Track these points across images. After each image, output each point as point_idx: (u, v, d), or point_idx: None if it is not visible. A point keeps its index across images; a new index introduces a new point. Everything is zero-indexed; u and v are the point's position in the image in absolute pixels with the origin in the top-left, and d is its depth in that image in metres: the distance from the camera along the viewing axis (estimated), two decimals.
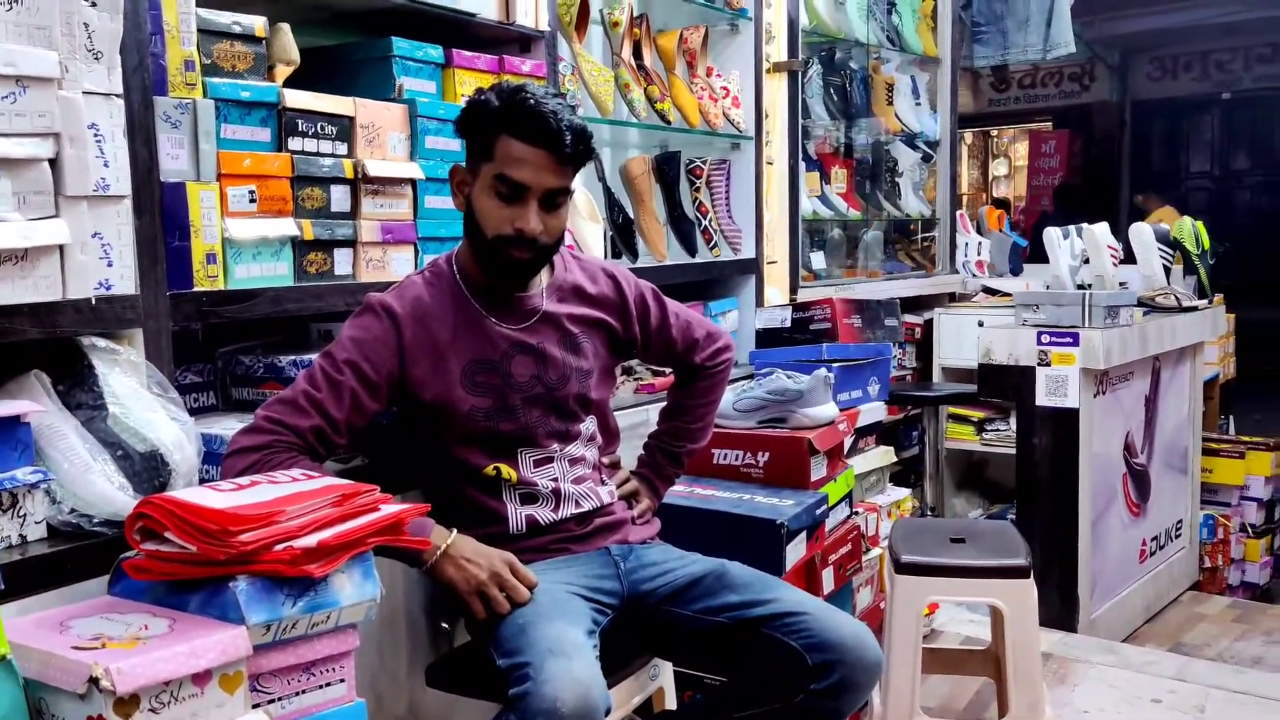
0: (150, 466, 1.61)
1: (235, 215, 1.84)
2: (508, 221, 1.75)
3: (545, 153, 1.73)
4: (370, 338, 1.76)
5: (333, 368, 1.73)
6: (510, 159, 1.74)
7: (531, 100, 1.73)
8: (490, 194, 1.76)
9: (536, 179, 1.74)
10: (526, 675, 1.55)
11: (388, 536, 1.53)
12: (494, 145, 1.75)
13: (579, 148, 1.76)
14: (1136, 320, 3.67)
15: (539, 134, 1.72)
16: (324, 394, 1.71)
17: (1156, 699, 2.99)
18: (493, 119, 1.75)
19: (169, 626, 1.34)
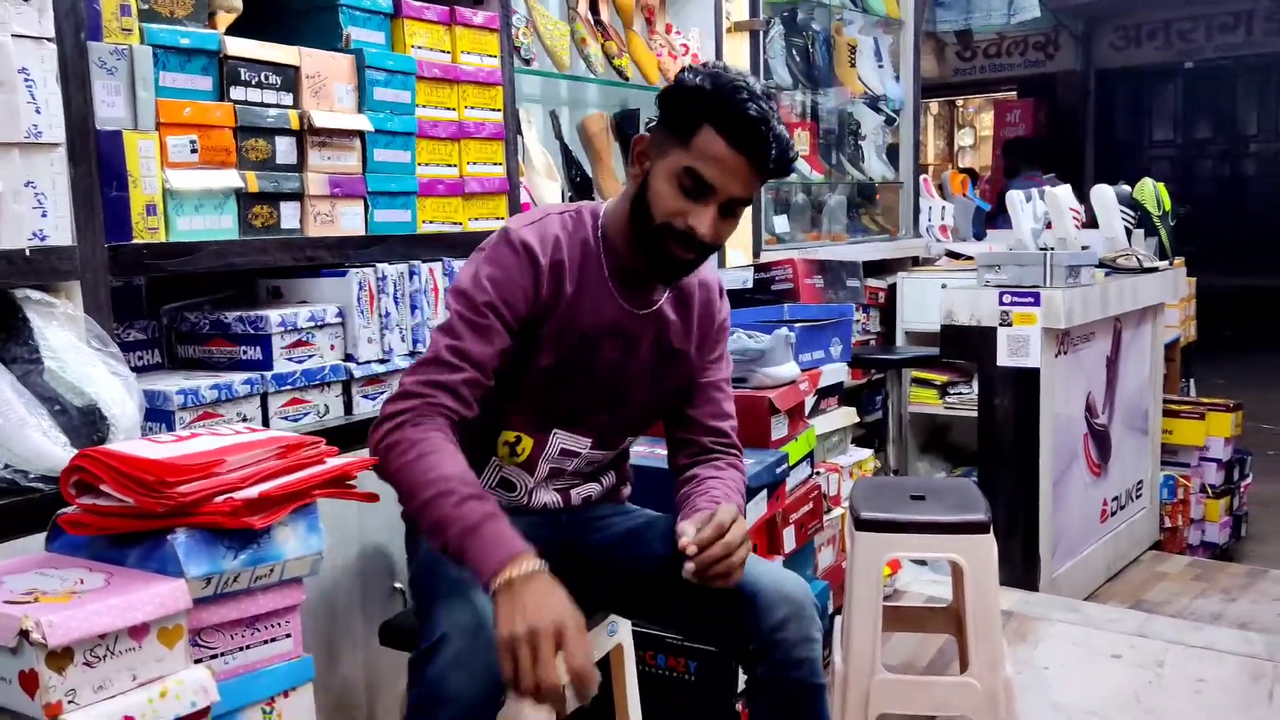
0: (88, 421, 1.56)
1: (176, 166, 1.78)
2: (682, 215, 1.61)
3: (746, 160, 1.60)
4: (508, 279, 1.64)
5: (473, 311, 1.62)
6: (707, 155, 1.59)
7: (747, 98, 1.58)
8: (673, 181, 1.61)
9: (727, 184, 1.60)
10: (428, 653, 1.49)
11: (333, 490, 1.50)
12: (694, 133, 1.60)
13: (783, 163, 1.63)
14: (1098, 280, 3.67)
15: (747, 140, 1.59)
16: (468, 342, 1.61)
17: (1117, 654, 3.01)
18: (701, 106, 1.59)
19: (105, 580, 1.30)
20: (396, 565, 2.00)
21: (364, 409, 2.07)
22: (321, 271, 2.06)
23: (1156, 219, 4.23)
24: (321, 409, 1.99)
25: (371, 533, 2.02)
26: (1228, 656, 2.97)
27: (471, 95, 2.35)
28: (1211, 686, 2.79)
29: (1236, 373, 7.44)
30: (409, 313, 2.14)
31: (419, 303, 2.16)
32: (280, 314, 1.93)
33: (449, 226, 2.32)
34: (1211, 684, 2.80)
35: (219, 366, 1.94)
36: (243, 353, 1.93)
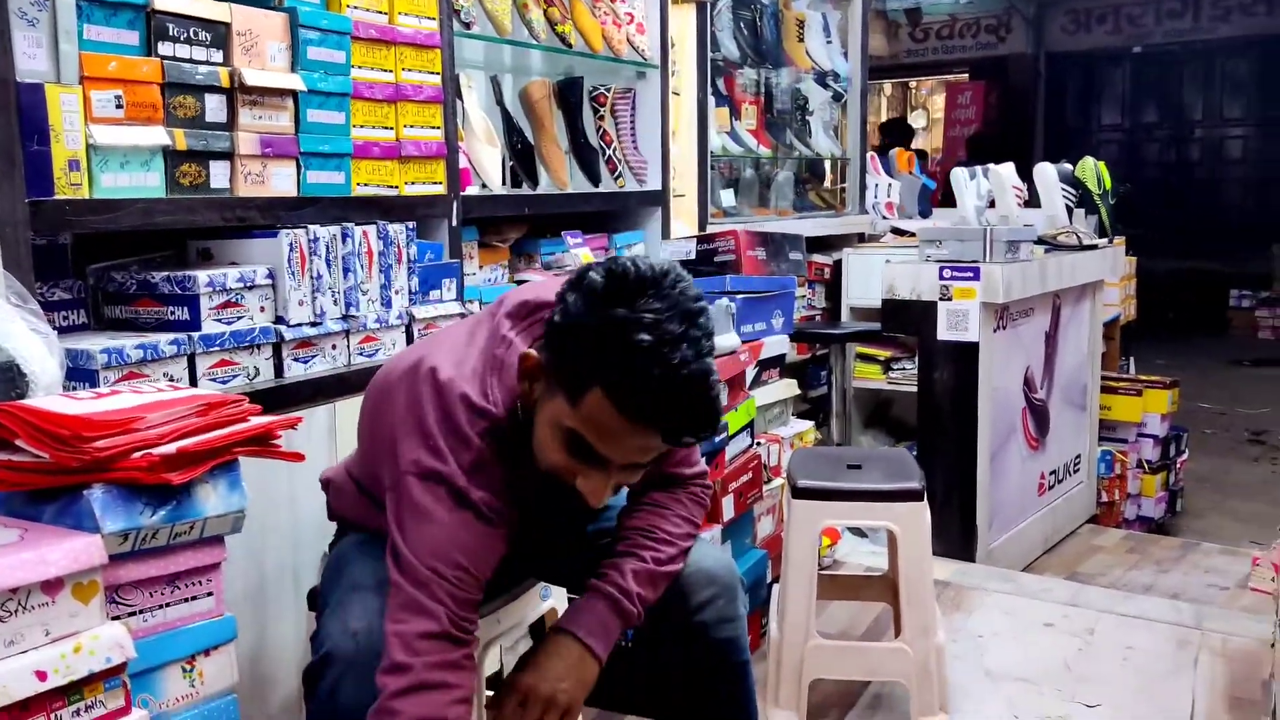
0: (6, 379, 1.53)
1: (100, 121, 1.75)
2: (570, 474, 1.39)
3: (652, 434, 1.31)
4: (484, 548, 1.43)
5: (461, 586, 1.40)
6: (599, 428, 1.31)
7: (649, 355, 1.26)
8: (558, 438, 1.36)
9: (625, 456, 1.35)
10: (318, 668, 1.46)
11: (255, 448, 1.49)
12: (581, 393, 1.31)
13: (701, 436, 1.34)
14: (1037, 256, 3.72)
15: (651, 418, 1.29)
16: (468, 609, 1.42)
17: (1049, 623, 3.06)
18: (589, 360, 1.29)
19: (19, 536, 1.28)
20: (326, 532, 1.98)
21: (295, 372, 2.05)
22: (252, 232, 2.03)
23: (1097, 197, 4.29)
24: (251, 371, 1.97)
25: (303, 498, 2.00)
26: (1157, 625, 3.03)
27: (409, 57, 2.33)
28: (1139, 654, 2.85)
29: (1177, 354, 7.58)
30: (341, 275, 2.11)
31: (351, 265, 2.14)
32: (209, 274, 1.90)
33: (384, 190, 2.30)
34: (1140, 651, 2.86)
35: (146, 327, 1.91)
36: (170, 313, 1.90)
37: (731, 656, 1.67)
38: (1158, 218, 8.86)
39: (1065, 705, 2.57)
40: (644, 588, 1.57)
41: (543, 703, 1.47)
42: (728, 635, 1.65)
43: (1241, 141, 10.99)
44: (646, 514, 1.64)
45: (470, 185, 2.64)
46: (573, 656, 1.51)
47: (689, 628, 1.66)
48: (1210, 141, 11.16)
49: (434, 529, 1.40)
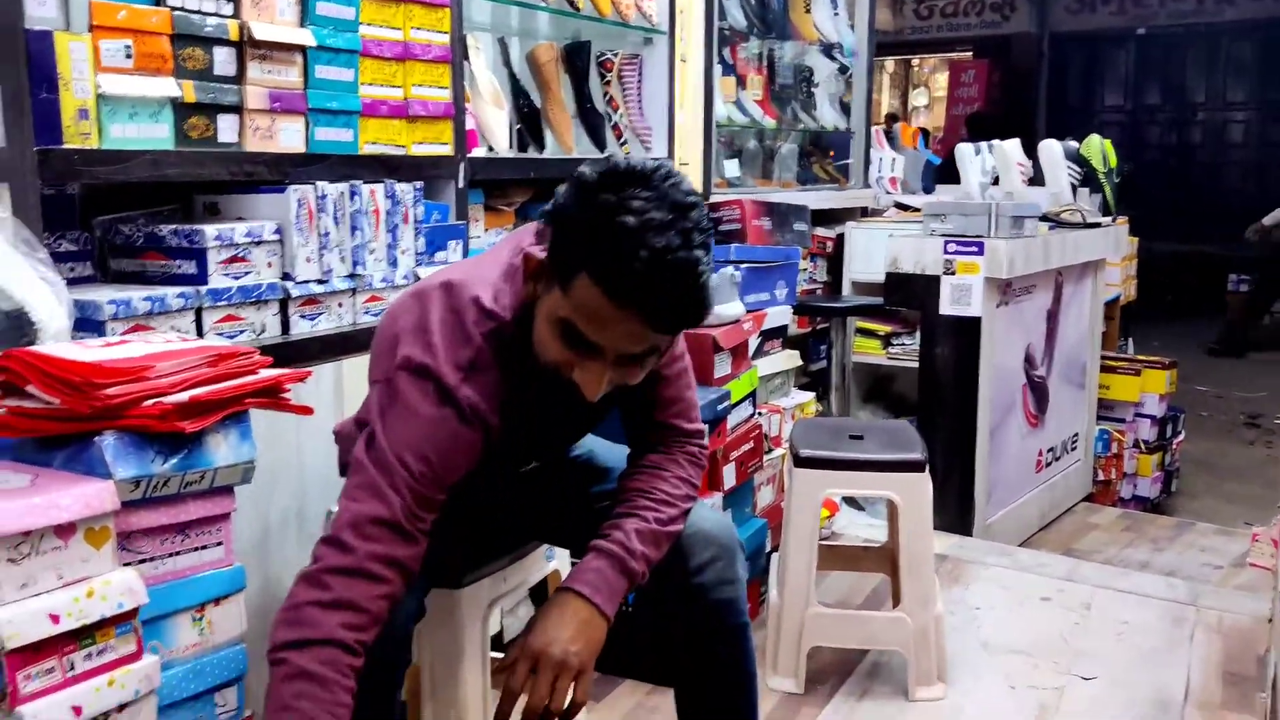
0: (14, 325, 1.53)
1: (109, 71, 1.73)
2: (569, 367, 1.38)
3: (637, 320, 1.30)
4: (454, 449, 1.41)
5: (421, 484, 1.38)
6: (588, 312, 1.31)
7: (630, 237, 1.26)
8: (554, 329, 1.36)
9: (615, 344, 1.34)
10: None
11: (266, 400, 1.49)
12: (571, 279, 1.31)
13: (688, 316, 1.33)
14: (1041, 233, 3.71)
15: (632, 297, 1.28)
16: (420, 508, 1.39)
17: (1046, 597, 3.08)
18: (577, 247, 1.31)
19: (31, 480, 1.28)
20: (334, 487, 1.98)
21: (301, 328, 2.04)
22: (260, 188, 2.02)
23: (1102, 175, 4.28)
24: (258, 327, 1.96)
25: (310, 453, 2.00)
26: (1152, 601, 3.04)
27: (418, 15, 2.31)
28: (1135, 629, 2.86)
29: (1174, 336, 7.59)
30: (349, 233, 2.11)
31: (359, 224, 2.13)
32: (217, 229, 1.89)
33: (392, 149, 2.28)
34: (1135, 626, 2.88)
35: (152, 280, 1.90)
36: (177, 266, 1.89)
37: (731, 618, 1.66)
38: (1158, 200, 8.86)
39: (1061, 677, 2.58)
40: (648, 547, 1.56)
41: (555, 667, 1.44)
42: (727, 596, 1.64)
43: (1243, 125, 10.98)
44: (646, 476, 1.63)
45: (477, 147, 2.63)
46: (581, 617, 1.49)
47: (688, 589, 1.65)
48: (1212, 125, 11.14)
49: (413, 423, 1.39)
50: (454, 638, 1.79)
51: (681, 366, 1.68)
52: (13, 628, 1.17)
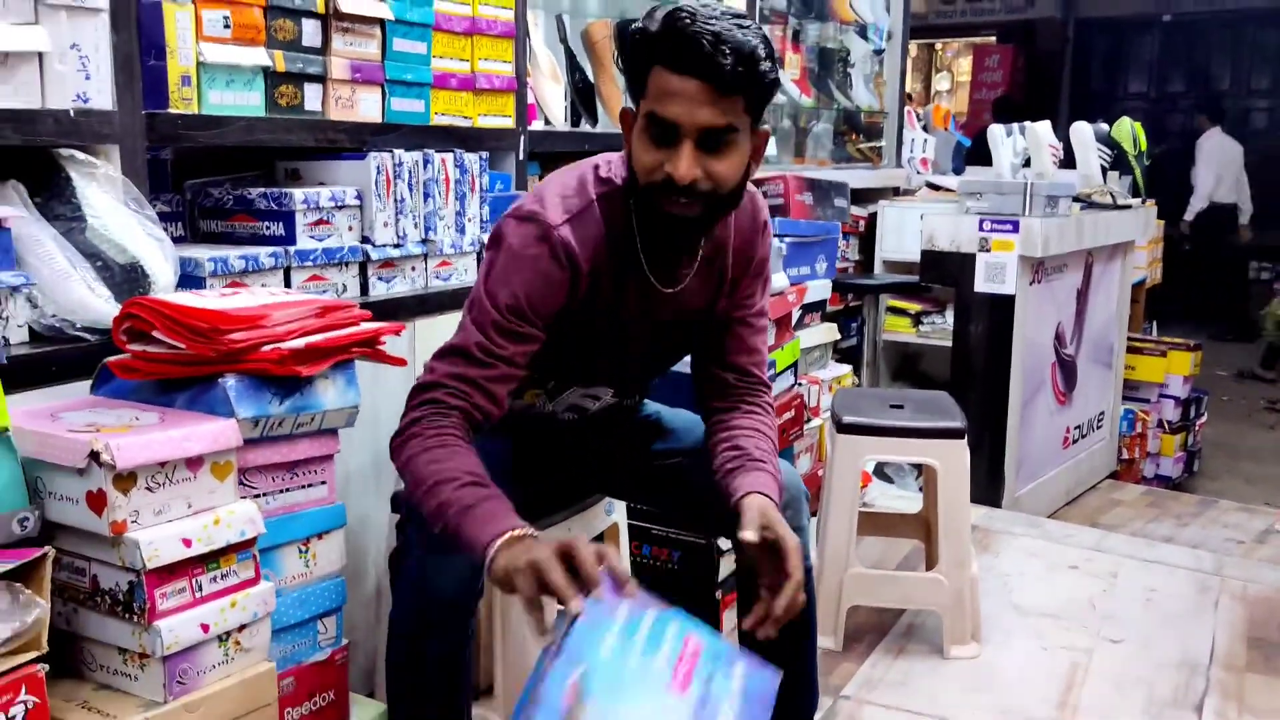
0: (130, 278, 1.63)
1: (210, 40, 1.83)
2: (659, 166, 1.48)
3: (699, 83, 1.43)
4: (547, 289, 1.55)
5: (508, 317, 1.53)
6: (661, 93, 1.46)
7: (686, 19, 1.43)
8: (644, 136, 1.50)
9: (689, 114, 1.44)
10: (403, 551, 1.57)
11: (368, 350, 1.59)
12: (647, 79, 1.48)
13: (742, 71, 1.43)
14: (1073, 214, 3.79)
15: (691, 60, 1.42)
16: (502, 344, 1.53)
17: (1074, 566, 3.17)
18: (647, 49, 1.48)
19: (160, 418, 1.38)
20: None
21: (379, 291, 2.14)
22: (341, 154, 2.12)
23: (1132, 158, 4.35)
24: (340, 287, 2.07)
25: (384, 409, 2.10)
26: (1178, 570, 3.14)
27: None
28: (1161, 595, 2.95)
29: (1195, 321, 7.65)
30: (422, 200, 2.20)
31: (431, 191, 2.22)
32: (304, 192, 1.99)
33: (460, 120, 2.38)
34: (1161, 593, 2.97)
35: (241, 241, 2.01)
36: (265, 228, 1.99)
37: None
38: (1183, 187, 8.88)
39: (1091, 639, 2.68)
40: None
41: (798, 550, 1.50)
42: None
43: (1268, 114, 10.96)
44: (756, 418, 1.73)
45: (535, 120, 2.72)
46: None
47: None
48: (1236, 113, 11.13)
49: (508, 259, 1.55)
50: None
51: (764, 323, 1.79)
52: (152, 549, 1.28)
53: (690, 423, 1.91)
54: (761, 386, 1.79)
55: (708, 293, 1.70)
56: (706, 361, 1.78)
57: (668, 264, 1.64)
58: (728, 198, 1.53)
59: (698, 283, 1.68)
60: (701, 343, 1.78)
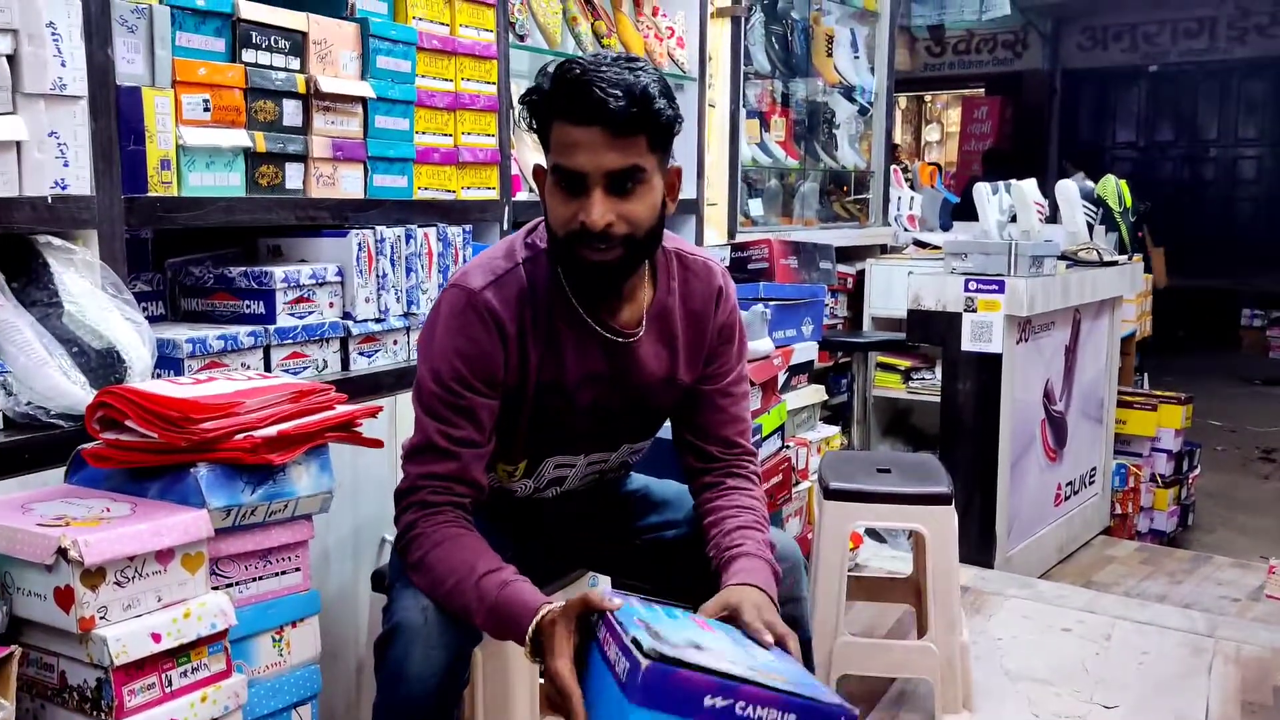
0: (106, 363, 1.63)
1: (189, 123, 1.85)
2: (573, 217, 1.49)
3: (597, 129, 1.44)
4: (479, 352, 1.56)
5: (451, 393, 1.55)
6: (563, 145, 1.48)
7: (576, 70, 1.46)
8: (556, 190, 1.52)
9: (593, 161, 1.46)
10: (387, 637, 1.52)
11: (342, 434, 1.58)
12: (549, 134, 1.51)
13: (636, 111, 1.44)
14: (1059, 272, 3.81)
15: (586, 109, 1.44)
16: (455, 425, 1.55)
17: (1066, 628, 3.14)
18: (545, 105, 1.50)
19: (131, 509, 1.38)
20: (386, 516, 2.08)
21: (360, 365, 2.15)
22: (322, 231, 2.13)
23: (1118, 215, 4.38)
24: (320, 364, 2.07)
25: (365, 484, 2.10)
26: (1171, 632, 3.11)
27: (468, 68, 2.43)
28: (1155, 658, 2.93)
29: (1187, 371, 7.66)
30: (404, 275, 2.21)
31: (414, 265, 2.24)
32: (284, 270, 2.00)
33: (443, 194, 2.39)
34: (1155, 656, 2.94)
35: (221, 319, 2.01)
36: (246, 306, 2.00)
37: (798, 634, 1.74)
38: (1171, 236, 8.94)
39: (1083, 705, 2.65)
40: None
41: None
42: (795, 614, 1.71)
43: (1256, 161, 11.06)
44: (740, 495, 1.72)
45: (520, 191, 2.73)
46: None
47: None
48: (1224, 160, 11.23)
49: (439, 331, 1.58)
50: (504, 662, 1.88)
51: (745, 389, 1.79)
52: (120, 645, 1.27)
53: (679, 494, 1.89)
54: (747, 456, 1.78)
55: (666, 358, 1.70)
56: (688, 434, 1.77)
57: (604, 313, 1.64)
58: (646, 238, 1.54)
59: (651, 345, 1.68)
60: (680, 416, 1.77)
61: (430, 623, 1.52)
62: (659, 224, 1.57)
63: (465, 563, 1.49)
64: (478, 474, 1.58)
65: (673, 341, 1.70)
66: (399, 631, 1.54)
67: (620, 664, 1.19)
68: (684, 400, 1.75)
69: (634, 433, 1.80)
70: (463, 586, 1.47)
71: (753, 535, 1.64)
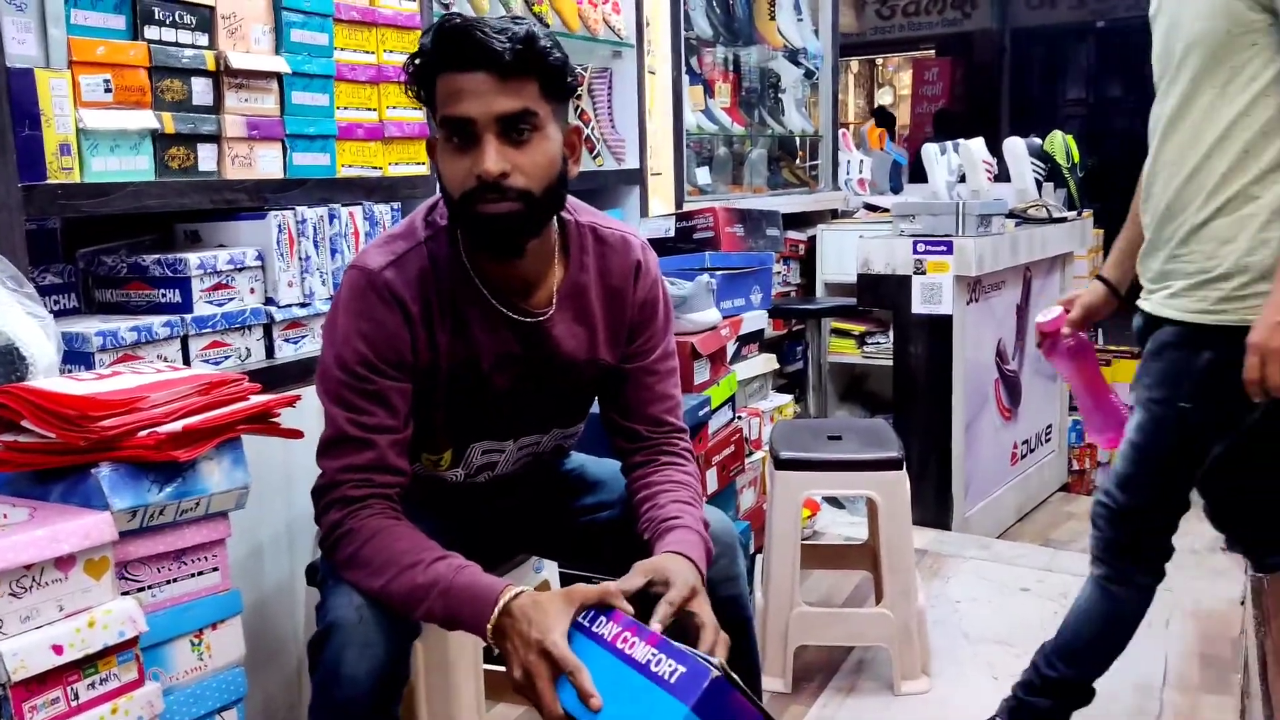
0: (5, 362, 1.55)
1: (90, 105, 1.76)
2: (467, 172, 1.43)
3: (483, 73, 1.39)
4: (382, 334, 1.50)
5: (357, 379, 1.49)
6: (448, 95, 1.42)
7: (456, 19, 1.42)
8: (447, 148, 1.45)
9: (481, 106, 1.40)
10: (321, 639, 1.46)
11: (257, 425, 1.51)
12: (435, 90, 1.45)
13: (521, 49, 1.40)
14: (1008, 230, 3.78)
15: (469, 53, 1.40)
16: (366, 412, 1.49)
17: (1025, 588, 3.13)
18: (427, 62, 1.44)
19: (30, 514, 1.31)
20: None
21: (285, 353, 2.07)
22: (240, 214, 2.05)
23: (1066, 171, 4.35)
24: (243, 352, 1.99)
25: (298, 475, 2.03)
26: None
27: (391, 39, 2.34)
28: None
29: None
30: (329, 256, 2.14)
31: (339, 246, 2.16)
32: (199, 256, 1.92)
33: (369, 171, 2.31)
34: None
35: (138, 310, 1.93)
36: (161, 295, 1.92)
37: (736, 614, 1.70)
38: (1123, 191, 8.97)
39: None
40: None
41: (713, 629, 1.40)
42: (732, 593, 1.66)
43: None
44: (671, 470, 1.67)
45: None
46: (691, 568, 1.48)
47: None
48: None
49: (341, 313, 1.52)
50: (446, 651, 1.82)
51: (672, 365, 1.73)
52: (17, 660, 1.20)
53: (614, 473, 1.84)
54: (677, 435, 1.73)
55: (584, 336, 1.64)
56: (614, 415, 1.71)
57: (512, 293, 1.57)
58: (545, 196, 1.47)
59: (566, 324, 1.62)
60: (606, 396, 1.72)
61: (365, 620, 1.46)
62: (559, 183, 1.50)
63: (406, 552, 1.43)
64: (397, 460, 1.51)
65: (589, 320, 1.64)
66: (332, 631, 1.48)
67: (664, 665, 1.22)
68: (608, 380, 1.69)
69: (560, 415, 1.74)
70: (408, 575, 1.41)
71: (688, 510, 1.59)
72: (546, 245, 1.57)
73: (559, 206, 1.56)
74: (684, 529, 1.55)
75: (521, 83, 1.41)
